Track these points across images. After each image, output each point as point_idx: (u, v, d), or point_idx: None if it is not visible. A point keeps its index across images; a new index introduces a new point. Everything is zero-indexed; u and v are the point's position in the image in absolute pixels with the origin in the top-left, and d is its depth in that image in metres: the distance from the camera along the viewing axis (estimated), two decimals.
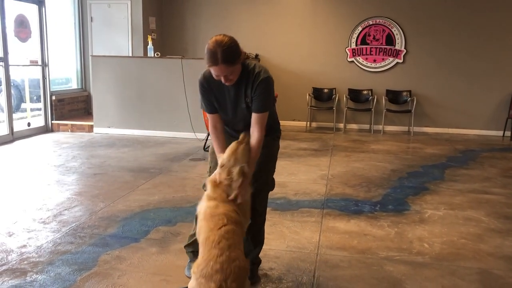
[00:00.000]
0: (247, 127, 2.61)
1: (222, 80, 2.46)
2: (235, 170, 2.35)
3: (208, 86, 2.60)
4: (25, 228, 3.58)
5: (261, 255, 2.97)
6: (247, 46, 2.68)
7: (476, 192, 4.83)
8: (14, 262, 3.00)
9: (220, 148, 2.61)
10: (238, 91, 2.56)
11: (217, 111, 2.66)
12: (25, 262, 3.01)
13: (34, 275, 2.84)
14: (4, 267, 2.93)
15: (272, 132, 2.75)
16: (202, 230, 2.28)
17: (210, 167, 2.83)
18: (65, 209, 4.03)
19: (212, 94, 2.61)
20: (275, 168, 2.82)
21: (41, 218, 3.80)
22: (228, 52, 2.34)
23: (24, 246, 3.26)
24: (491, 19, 8.45)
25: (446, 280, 2.89)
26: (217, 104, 2.64)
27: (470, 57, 8.60)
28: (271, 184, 2.83)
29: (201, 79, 2.62)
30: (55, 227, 3.61)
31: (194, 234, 2.89)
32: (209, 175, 2.81)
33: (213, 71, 2.43)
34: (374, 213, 4.11)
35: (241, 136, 2.48)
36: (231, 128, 2.76)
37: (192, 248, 2.90)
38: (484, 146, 7.53)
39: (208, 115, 2.69)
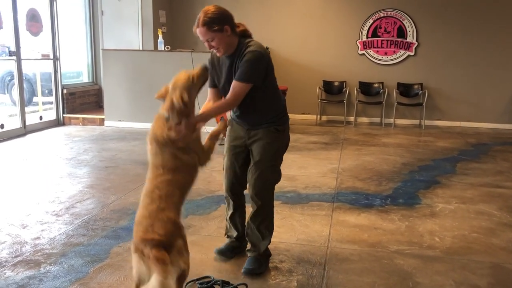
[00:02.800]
0: (243, 106, 2.70)
1: (208, 48, 2.66)
2: (174, 97, 2.32)
3: (211, 61, 2.81)
4: (38, 221, 3.63)
5: (271, 247, 2.98)
6: (257, 39, 2.74)
7: (488, 186, 4.79)
8: (28, 254, 3.05)
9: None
10: (231, 64, 2.68)
11: (216, 85, 2.83)
12: (39, 253, 3.06)
13: (48, 266, 2.88)
14: (18, 258, 2.97)
15: (269, 122, 2.75)
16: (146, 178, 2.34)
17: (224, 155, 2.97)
18: (77, 202, 4.07)
19: (213, 69, 2.80)
20: (275, 161, 2.82)
21: (54, 211, 3.85)
22: (209, 17, 2.56)
23: (38, 238, 3.31)
24: (504, 12, 8.33)
25: (457, 274, 2.88)
26: (216, 79, 2.80)
27: (482, 50, 8.50)
28: (273, 177, 2.83)
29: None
30: (67, 220, 3.66)
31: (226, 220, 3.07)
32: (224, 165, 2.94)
33: (199, 35, 2.61)
34: (385, 207, 4.10)
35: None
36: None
37: (228, 233, 3.09)
38: (497, 140, 7.46)
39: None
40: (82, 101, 8.71)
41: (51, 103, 8.21)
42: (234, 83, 2.61)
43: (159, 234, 2.09)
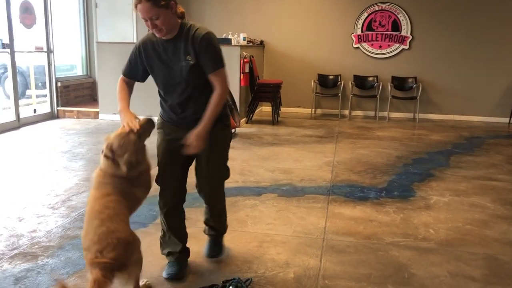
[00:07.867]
0: (186, 93, 2.48)
1: (150, 27, 2.37)
2: (121, 160, 2.29)
3: (144, 48, 2.53)
4: (35, 214, 3.63)
5: (268, 239, 3.02)
6: (252, 32, 2.66)
7: (482, 179, 4.84)
8: (25, 246, 3.05)
9: (124, 102, 2.50)
10: (176, 48, 2.44)
11: (134, 77, 2.60)
12: (36, 246, 3.06)
13: (45, 259, 2.89)
14: (15, 251, 2.98)
15: (218, 120, 2.52)
16: (90, 199, 2.31)
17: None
18: (73, 195, 4.07)
19: (145, 58, 2.53)
20: (225, 158, 2.71)
21: (50, 204, 3.85)
22: None
23: (34, 230, 3.31)
24: (498, 5, 8.37)
25: (452, 265, 2.92)
26: (150, 67, 2.53)
27: (476, 43, 8.54)
28: (223, 174, 2.74)
29: (138, 41, 2.58)
30: (64, 213, 3.66)
31: (163, 235, 2.77)
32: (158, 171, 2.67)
33: (139, 13, 2.35)
34: (380, 199, 4.13)
35: (141, 121, 2.38)
36: (169, 99, 2.55)
37: (168, 249, 2.77)
38: (490, 133, 7.52)
39: (121, 77, 2.61)
40: (77, 94, 8.67)
41: (45, 96, 8.16)
42: (214, 74, 2.42)
43: (110, 258, 2.07)
